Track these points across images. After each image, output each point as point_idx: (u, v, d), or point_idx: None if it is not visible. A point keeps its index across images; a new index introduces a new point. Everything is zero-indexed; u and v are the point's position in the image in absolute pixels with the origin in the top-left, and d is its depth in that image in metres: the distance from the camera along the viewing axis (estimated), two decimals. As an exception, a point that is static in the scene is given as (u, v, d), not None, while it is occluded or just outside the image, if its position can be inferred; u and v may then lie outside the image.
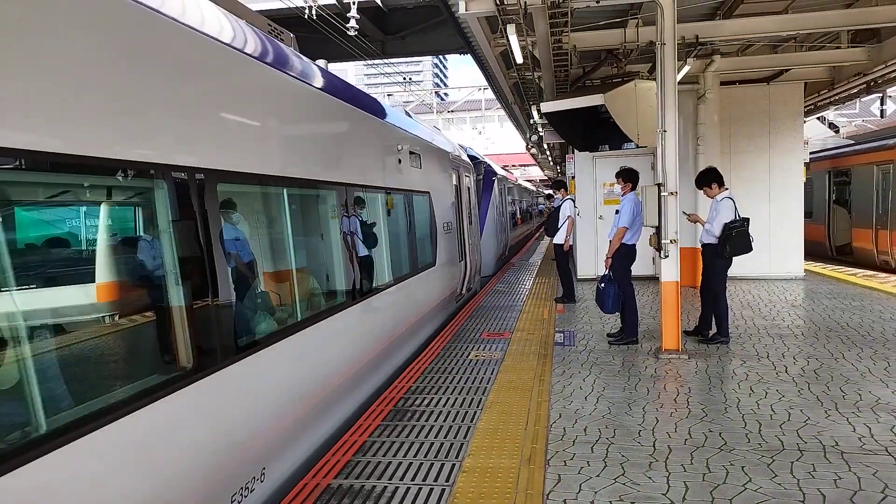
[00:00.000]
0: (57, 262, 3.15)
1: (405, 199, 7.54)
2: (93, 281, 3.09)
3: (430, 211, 8.55)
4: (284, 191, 4.49)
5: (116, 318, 3.15)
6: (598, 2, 6.78)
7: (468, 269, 10.74)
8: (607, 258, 7.10)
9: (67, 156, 2.47)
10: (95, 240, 3.17)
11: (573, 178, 12.47)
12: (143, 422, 2.69)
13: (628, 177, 7.19)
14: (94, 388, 2.79)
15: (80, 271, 3.20)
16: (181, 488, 2.94)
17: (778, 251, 11.38)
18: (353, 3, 11.34)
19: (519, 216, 25.26)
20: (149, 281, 3.24)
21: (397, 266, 6.89)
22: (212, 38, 3.56)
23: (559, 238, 10.07)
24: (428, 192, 8.46)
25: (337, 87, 5.55)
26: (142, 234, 3.34)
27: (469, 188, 11.92)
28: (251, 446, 3.55)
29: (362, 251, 5.82)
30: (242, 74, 3.96)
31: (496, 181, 15.74)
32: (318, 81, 5.11)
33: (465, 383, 5.70)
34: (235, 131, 3.78)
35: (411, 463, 4.03)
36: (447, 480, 3.75)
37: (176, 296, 3.10)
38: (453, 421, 4.75)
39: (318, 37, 11.75)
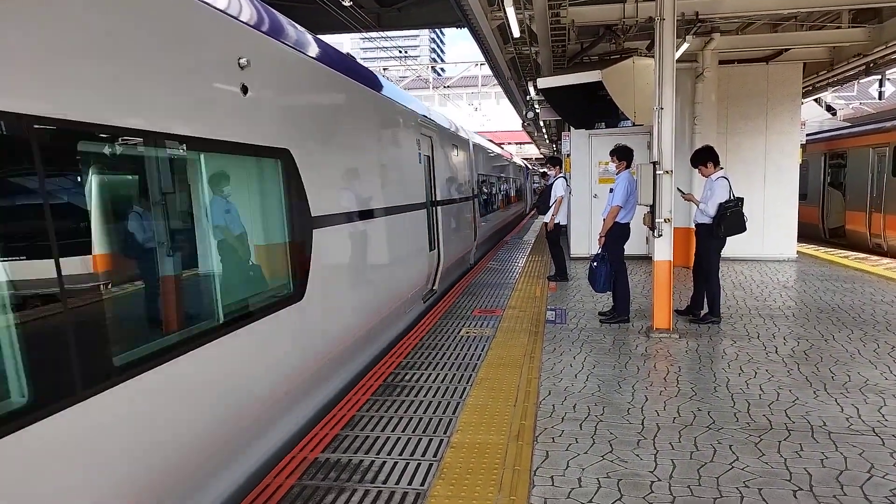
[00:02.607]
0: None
1: (522, 181, 29.24)
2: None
3: (522, 185, 29.16)
4: (514, 181, 24.20)
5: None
6: None
7: (526, 206, 30.62)
8: (601, 236, 7.06)
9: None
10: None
11: (569, 155, 12.39)
12: None
13: (623, 155, 7.11)
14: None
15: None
16: None
17: (771, 232, 11.37)
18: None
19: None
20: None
21: (521, 199, 28.24)
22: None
23: (550, 216, 10.01)
24: (525, 181, 32.03)
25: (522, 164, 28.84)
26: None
27: (525, 176, 30.72)
28: None
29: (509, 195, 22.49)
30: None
31: (529, 172, 36.34)
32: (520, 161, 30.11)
33: (455, 359, 5.69)
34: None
35: (399, 438, 4.02)
36: (435, 455, 3.75)
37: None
38: (443, 396, 4.74)
39: (311, 6, 11.52)
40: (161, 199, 3.22)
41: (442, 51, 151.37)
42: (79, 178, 2.68)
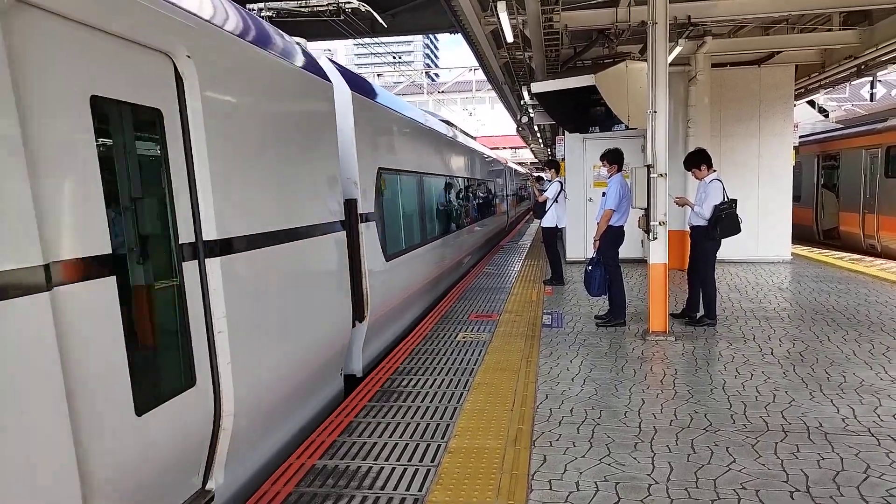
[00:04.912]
0: None
1: (527, 185, 34.83)
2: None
3: (529, 188, 32.89)
4: (516, 186, 30.74)
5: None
6: None
7: (530, 201, 32.18)
8: (595, 240, 7.08)
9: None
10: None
11: (563, 159, 12.42)
12: None
13: (614, 158, 7.13)
14: None
15: None
16: None
17: (766, 234, 11.42)
18: (342, -21, 11.13)
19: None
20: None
21: (529, 197, 35.20)
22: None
23: (547, 221, 10.04)
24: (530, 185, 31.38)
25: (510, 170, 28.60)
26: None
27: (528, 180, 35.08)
28: None
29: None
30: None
31: (534, 175, 39.56)
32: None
33: (452, 364, 5.69)
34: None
35: (397, 443, 4.01)
36: (433, 461, 3.74)
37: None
38: (440, 402, 4.74)
39: (306, 13, 11.53)
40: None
41: (436, 56, 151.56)
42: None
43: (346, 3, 6.93)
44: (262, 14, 5.43)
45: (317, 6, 6.78)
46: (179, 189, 3.12)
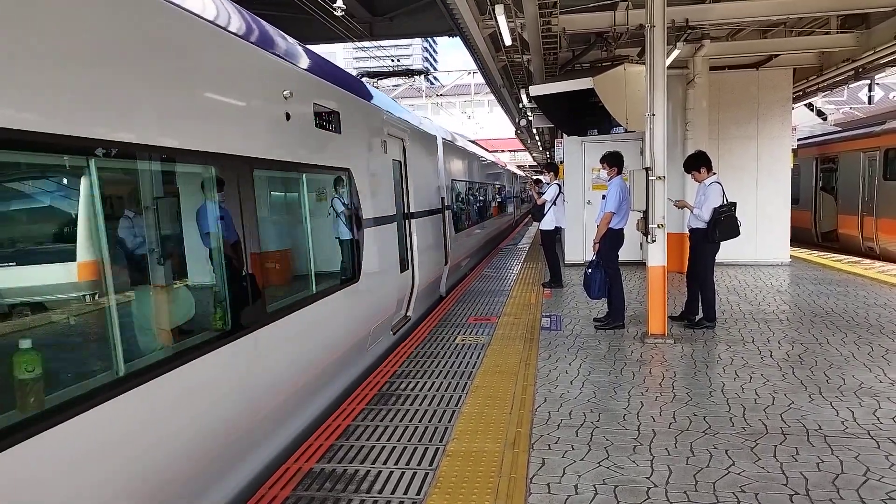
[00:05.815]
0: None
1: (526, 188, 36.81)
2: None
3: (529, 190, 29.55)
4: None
5: None
6: None
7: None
8: (595, 243, 7.07)
9: None
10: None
11: (562, 162, 12.43)
12: None
13: (613, 161, 7.14)
14: None
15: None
16: None
17: (764, 237, 11.42)
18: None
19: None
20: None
21: (529, 199, 28.57)
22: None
23: (545, 224, 10.04)
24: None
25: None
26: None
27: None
28: None
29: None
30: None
31: (533, 178, 41.67)
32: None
33: (450, 367, 5.68)
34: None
35: (395, 447, 4.00)
36: (431, 464, 3.73)
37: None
38: (438, 405, 4.72)
39: (303, 17, 11.54)
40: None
41: (435, 59, 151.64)
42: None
43: (414, 70, 10.14)
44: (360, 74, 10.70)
45: (398, 73, 12.05)
46: (404, 191, 7.68)
